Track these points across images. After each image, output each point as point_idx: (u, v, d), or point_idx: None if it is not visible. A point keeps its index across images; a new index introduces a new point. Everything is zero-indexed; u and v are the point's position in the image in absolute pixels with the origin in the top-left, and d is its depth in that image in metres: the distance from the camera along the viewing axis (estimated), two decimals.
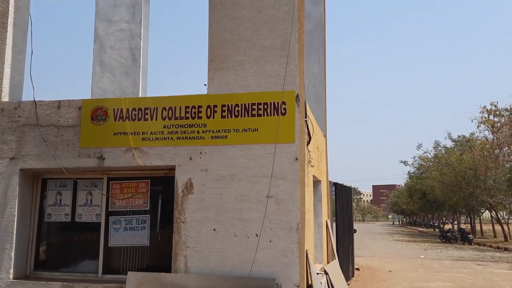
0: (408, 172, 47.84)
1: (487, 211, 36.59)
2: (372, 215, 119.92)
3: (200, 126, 5.31)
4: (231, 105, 5.26)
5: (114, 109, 5.53)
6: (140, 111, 5.47)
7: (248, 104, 5.22)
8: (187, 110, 5.35)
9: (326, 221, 7.86)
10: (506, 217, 32.64)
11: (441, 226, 42.95)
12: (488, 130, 24.86)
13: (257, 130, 5.18)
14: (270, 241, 4.98)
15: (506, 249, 24.18)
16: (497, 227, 34.65)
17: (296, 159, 5.06)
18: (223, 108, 5.28)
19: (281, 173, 5.07)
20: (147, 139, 5.41)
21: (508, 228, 30.77)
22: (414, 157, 42.50)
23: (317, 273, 6.39)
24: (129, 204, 5.73)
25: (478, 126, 24.90)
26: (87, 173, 5.83)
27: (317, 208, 7.43)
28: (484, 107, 23.72)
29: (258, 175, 5.12)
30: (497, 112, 23.02)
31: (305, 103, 5.70)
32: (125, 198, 5.71)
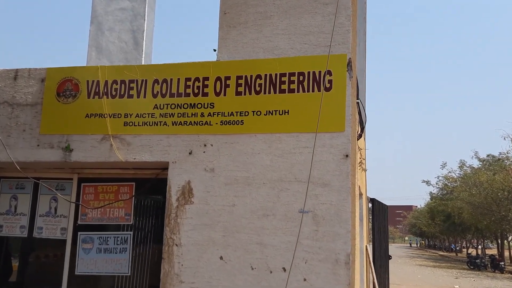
0: (430, 192, 45.60)
1: None
2: (389, 237, 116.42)
3: (206, 106, 3.71)
4: (251, 76, 3.66)
5: (88, 82, 3.98)
6: (123, 85, 3.91)
7: (276, 75, 3.62)
8: (188, 84, 3.77)
9: (366, 246, 6.15)
10: None
11: (469, 251, 40.37)
12: None
13: (288, 113, 3.56)
14: (305, 279, 3.32)
15: None
16: None
17: (347, 156, 3.41)
18: (239, 81, 3.68)
19: (323, 178, 3.43)
20: (131, 124, 3.83)
21: None
22: (438, 177, 40.42)
23: None
24: (106, 216, 4.13)
25: None
26: (52, 171, 4.27)
27: (359, 229, 5.73)
28: None
29: (288, 179, 3.49)
30: None
31: (356, 78, 4.08)
32: (100, 207, 4.11)
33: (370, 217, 8.36)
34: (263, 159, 3.57)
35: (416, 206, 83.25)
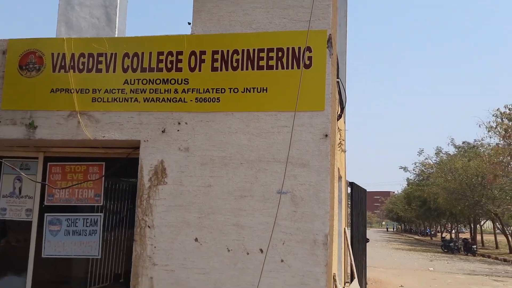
0: (407, 178, 46.36)
1: (488, 221, 35.09)
2: (367, 222, 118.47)
3: (180, 82, 3.53)
4: (227, 51, 3.48)
5: (53, 54, 3.73)
6: (91, 59, 3.68)
7: (254, 50, 3.45)
8: (161, 58, 3.57)
9: (345, 229, 6.10)
10: (510, 228, 31.07)
11: (443, 235, 41.41)
12: (498, 136, 23.35)
13: (266, 90, 3.42)
14: (282, 260, 3.22)
15: None
16: (499, 238, 33.15)
17: (326, 136, 3.30)
18: (215, 56, 3.50)
19: (302, 158, 3.31)
20: (99, 100, 3.62)
21: None
22: (415, 163, 41.04)
23: None
24: (74, 197, 3.93)
25: (488, 131, 23.37)
26: (15, 149, 4.03)
27: (339, 212, 5.67)
28: (498, 109, 22.18)
29: (266, 159, 3.36)
30: (510, 116, 21.47)
31: (337, 56, 3.95)
32: (68, 187, 3.91)
33: (349, 202, 8.35)
34: (240, 138, 3.42)
35: (394, 192, 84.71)
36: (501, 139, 22.32)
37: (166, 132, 3.49)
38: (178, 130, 3.49)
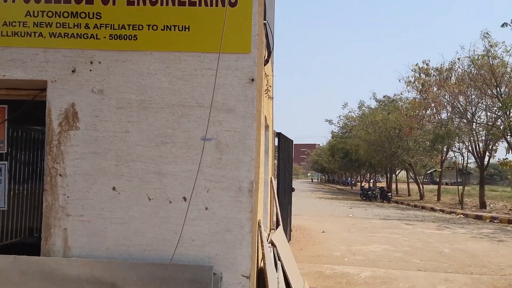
0: (332, 131, 48.36)
1: (403, 170, 37.88)
2: (293, 173, 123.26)
3: (91, 16, 3.16)
4: None
5: None
6: None
7: None
8: None
9: (271, 178, 6.16)
10: (421, 177, 33.88)
11: (362, 184, 44.17)
12: (415, 90, 24.82)
13: (189, 29, 3.17)
14: (207, 208, 3.13)
15: (423, 207, 24.82)
16: (411, 186, 36.08)
17: (252, 80, 3.16)
18: None
19: (227, 103, 3.16)
20: None
21: (423, 187, 31.94)
22: (339, 116, 42.62)
23: None
24: None
25: (407, 86, 24.76)
26: None
27: (265, 161, 5.67)
28: (416, 64, 23.41)
29: (189, 103, 3.17)
30: (428, 71, 22.81)
31: None
32: None
33: (276, 152, 8.45)
34: (160, 80, 3.18)
35: (319, 144, 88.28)
36: (418, 93, 23.78)
37: (77, 72, 3.15)
38: (90, 70, 3.16)
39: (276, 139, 7.85)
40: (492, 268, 8.33)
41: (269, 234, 5.66)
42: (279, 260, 5.02)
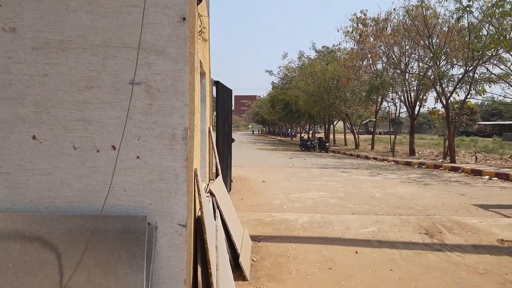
0: (272, 82, 48.45)
1: (340, 121, 39.14)
2: (234, 125, 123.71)
3: None
4: None
5: None
6: None
7: None
8: None
9: (209, 128, 6.04)
10: (357, 127, 35.26)
11: (301, 135, 45.22)
12: (353, 41, 25.23)
13: None
14: (138, 157, 2.97)
15: (358, 156, 25.99)
16: (347, 136, 37.52)
17: (184, 19, 2.95)
18: None
19: (157, 44, 2.94)
20: None
21: (358, 137, 33.32)
22: (279, 67, 42.59)
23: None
24: None
25: (345, 36, 25.07)
26: None
27: (201, 110, 5.51)
28: (354, 14, 23.62)
29: (115, 44, 2.92)
30: (365, 22, 23.14)
31: None
32: None
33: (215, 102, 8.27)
34: (81, 18, 2.88)
35: (260, 96, 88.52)
36: (355, 43, 24.18)
37: None
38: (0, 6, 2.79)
39: (214, 88, 7.66)
40: (418, 209, 8.95)
41: (208, 184, 5.61)
42: (218, 209, 5.02)
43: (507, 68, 18.82)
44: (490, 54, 17.94)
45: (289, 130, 61.54)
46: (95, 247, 2.81)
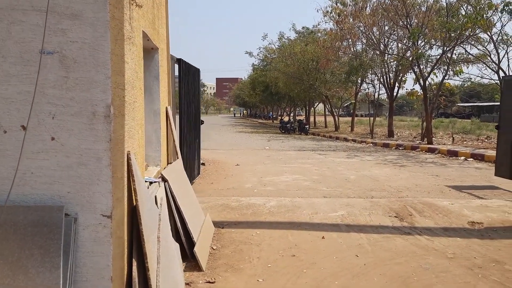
0: (253, 64, 47.82)
1: (320, 103, 38.93)
2: (215, 108, 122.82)
3: None
4: None
5: None
6: None
7: None
8: None
9: (167, 108, 5.64)
10: (338, 109, 35.07)
11: (281, 117, 44.94)
12: (332, 21, 24.82)
13: None
14: (53, 138, 2.58)
15: (337, 138, 25.87)
16: (328, 118, 37.39)
17: None
18: None
19: (72, 7, 2.53)
20: None
21: (338, 119, 33.19)
22: (259, 48, 41.89)
23: (152, 182, 4.29)
24: None
25: (324, 16, 24.65)
26: None
27: (153, 88, 5.09)
28: None
29: (21, 7, 2.49)
30: (344, 1, 22.72)
31: None
32: None
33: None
34: None
35: (242, 78, 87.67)
36: (334, 24, 23.77)
37: None
38: None
39: (176, 66, 7.21)
40: (391, 191, 8.75)
41: (165, 169, 5.24)
42: (171, 195, 4.66)
43: (484, 48, 18.73)
44: (467, 34, 17.77)
45: (271, 112, 61.16)
46: (1, 243, 2.43)
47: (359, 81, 29.09)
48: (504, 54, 17.83)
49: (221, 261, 4.79)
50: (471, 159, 14.47)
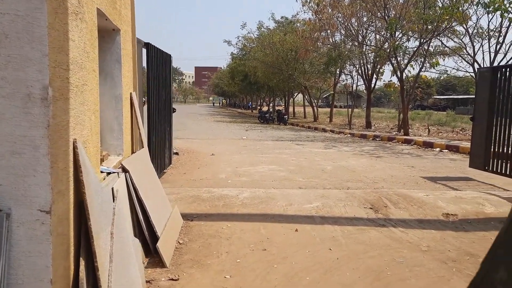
0: (232, 53, 47.26)
1: (300, 94, 38.83)
2: (194, 97, 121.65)
3: None
4: None
5: None
6: None
7: None
8: None
9: (131, 94, 5.31)
10: (317, 100, 34.97)
11: (260, 107, 44.66)
12: (311, 11, 24.59)
13: None
14: None
15: (316, 128, 25.81)
16: (307, 109, 37.32)
17: None
18: None
19: None
20: None
21: (317, 110, 33.13)
22: (238, 37, 41.40)
23: (110, 173, 3.99)
24: None
25: (303, 5, 24.39)
26: None
27: (114, 72, 4.75)
28: None
29: None
30: None
31: None
32: None
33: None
34: None
35: (221, 67, 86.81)
36: (313, 14, 23.53)
37: None
38: None
39: (144, 51, 6.85)
40: (367, 182, 8.63)
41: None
42: (133, 187, 4.37)
43: (460, 41, 18.81)
44: (444, 26, 17.79)
45: (250, 102, 60.77)
46: None
47: (338, 72, 29.02)
48: (479, 47, 17.86)
49: (187, 256, 4.54)
50: (446, 150, 14.54)
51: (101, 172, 3.82)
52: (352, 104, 27.30)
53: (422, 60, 20.10)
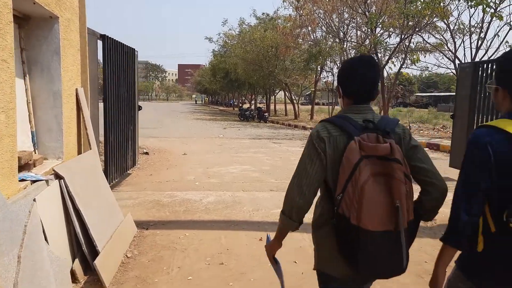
0: (213, 50, 46.56)
1: (281, 91, 38.38)
2: (177, 95, 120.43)
3: None
4: None
5: None
6: None
7: None
8: None
9: (77, 90, 4.74)
10: (297, 97, 34.54)
11: (240, 105, 44.07)
12: (292, 7, 24.14)
13: None
14: None
15: (296, 126, 25.40)
16: (289, 106, 36.88)
17: None
18: None
19: None
20: None
21: (298, 107, 32.73)
22: (219, 34, 40.72)
23: (36, 181, 3.44)
24: None
25: (283, 1, 23.92)
26: None
27: (51, 65, 4.18)
28: None
29: None
30: None
31: None
32: None
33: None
34: None
35: (204, 65, 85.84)
36: (294, 9, 23.06)
37: None
38: None
39: (100, 43, 6.26)
40: None
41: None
42: (68, 196, 3.82)
43: (441, 37, 18.57)
44: (425, 22, 17.51)
45: (232, 100, 60.13)
46: None
47: (319, 69, 28.64)
48: (461, 43, 17.60)
49: (132, 273, 4.02)
50: (427, 148, 14.25)
51: (23, 180, 3.28)
52: (333, 101, 26.97)
53: (403, 57, 19.82)
